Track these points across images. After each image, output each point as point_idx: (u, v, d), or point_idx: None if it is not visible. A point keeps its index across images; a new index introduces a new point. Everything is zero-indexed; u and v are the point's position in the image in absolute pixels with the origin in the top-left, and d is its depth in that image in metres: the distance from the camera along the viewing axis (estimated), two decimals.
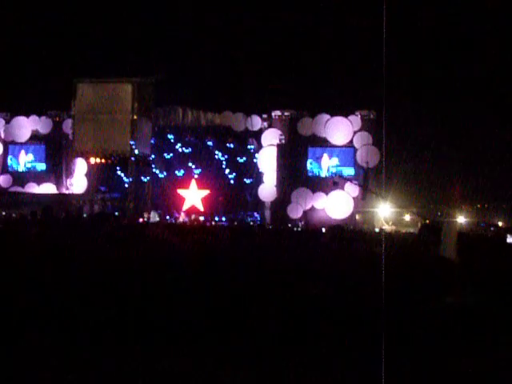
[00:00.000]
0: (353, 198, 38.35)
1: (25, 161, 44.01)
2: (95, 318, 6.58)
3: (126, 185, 41.43)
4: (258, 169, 41.02)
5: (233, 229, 16.52)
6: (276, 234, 14.50)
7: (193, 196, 42.57)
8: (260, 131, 40.86)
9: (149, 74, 39.78)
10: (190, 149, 42.49)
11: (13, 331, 6.44)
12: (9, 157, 44.17)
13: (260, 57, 37.79)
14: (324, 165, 40.00)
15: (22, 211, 25.94)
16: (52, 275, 7.35)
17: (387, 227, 31.74)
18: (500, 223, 30.46)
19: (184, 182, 42.74)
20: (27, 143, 43.71)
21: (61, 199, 38.01)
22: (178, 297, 6.96)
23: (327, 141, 39.56)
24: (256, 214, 40.79)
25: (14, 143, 43.82)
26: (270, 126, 40.77)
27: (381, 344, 5.75)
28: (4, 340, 6.39)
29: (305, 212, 38.58)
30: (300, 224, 36.88)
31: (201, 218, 39.12)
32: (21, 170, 43.95)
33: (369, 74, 31.03)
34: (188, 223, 29.79)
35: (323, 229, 19.13)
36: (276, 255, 9.56)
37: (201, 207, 42.14)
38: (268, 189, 40.27)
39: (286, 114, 40.47)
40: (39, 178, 42.78)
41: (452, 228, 9.89)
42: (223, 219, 39.82)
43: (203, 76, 38.07)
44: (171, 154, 42.64)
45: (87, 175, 42.07)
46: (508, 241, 11.52)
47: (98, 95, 39.66)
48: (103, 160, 40.82)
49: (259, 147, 40.88)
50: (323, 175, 39.95)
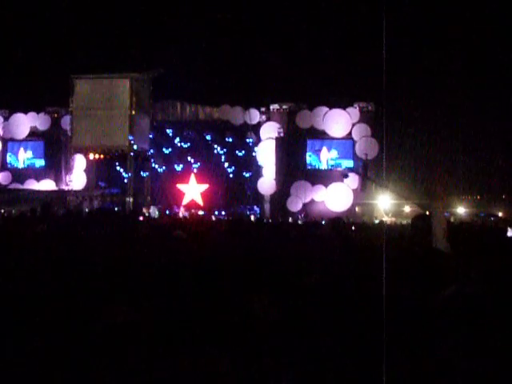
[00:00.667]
0: (352, 191, 38.37)
1: (24, 158, 44.01)
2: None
3: (126, 180, 41.44)
4: (257, 162, 41.03)
5: (232, 222, 16.44)
6: (275, 227, 14.41)
7: (192, 190, 42.62)
8: (258, 124, 40.84)
9: (146, 69, 39.79)
10: (189, 143, 42.54)
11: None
12: (8, 154, 44.19)
13: (257, 50, 37.69)
14: (323, 157, 40.00)
15: (22, 208, 25.86)
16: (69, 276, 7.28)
17: (387, 219, 31.74)
18: (500, 213, 30.46)
19: (183, 177, 42.79)
20: (26, 140, 43.73)
21: (60, 195, 38.00)
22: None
23: (326, 133, 39.55)
24: (256, 208, 40.82)
25: (13, 140, 43.82)
26: (269, 120, 40.76)
27: (381, 339, 5.68)
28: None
29: (304, 205, 38.57)
30: (300, 217, 36.87)
31: (200, 213, 39.11)
32: (20, 167, 43.95)
33: (366, 66, 30.93)
34: (188, 218, 29.70)
35: (323, 221, 19.07)
36: (275, 247, 9.49)
37: (200, 202, 42.18)
38: (267, 182, 40.28)
39: (285, 107, 40.46)
40: (38, 175, 42.78)
41: (441, 218, 9.79)
42: (223, 213, 39.86)
43: (201, 70, 37.95)
44: (170, 149, 42.69)
45: (86, 171, 42.08)
46: (509, 234, 11.41)
47: (96, 91, 39.63)
48: (102, 156, 40.83)
49: (258, 141, 40.88)
50: (322, 168, 39.97)
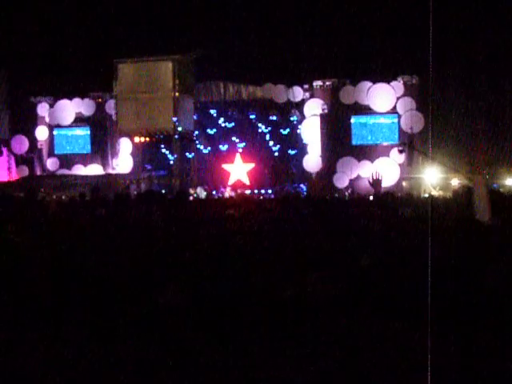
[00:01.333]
0: (399, 165, 38.08)
1: (70, 143, 44.50)
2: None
3: (171, 162, 41.70)
4: (302, 140, 40.92)
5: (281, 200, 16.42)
6: (320, 204, 14.31)
7: (238, 170, 42.66)
8: (302, 102, 40.71)
9: (188, 51, 39.85)
10: (233, 123, 42.53)
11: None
12: (55, 140, 44.71)
13: (298, 27, 37.44)
14: (368, 133, 39.79)
15: (71, 193, 26.18)
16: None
17: (435, 193, 31.41)
18: None
19: (228, 157, 42.84)
20: (72, 126, 44.19)
21: (108, 179, 38.37)
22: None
23: (370, 108, 39.27)
24: (302, 186, 40.74)
25: (59, 126, 44.31)
26: (312, 96, 40.57)
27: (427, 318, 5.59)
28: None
29: (351, 181, 38.38)
30: (347, 193, 36.72)
31: (247, 192, 39.16)
32: (67, 153, 44.43)
33: (410, 39, 30.54)
34: (236, 198, 29.77)
35: (371, 197, 18.90)
36: (324, 225, 9.45)
37: (247, 181, 42.23)
38: (313, 159, 40.16)
39: (328, 84, 40.21)
40: (85, 160, 43.28)
41: (482, 191, 9.63)
42: (269, 192, 39.90)
43: (243, 49, 37.92)
44: (214, 130, 42.72)
45: (132, 154, 42.43)
46: None
47: (139, 74, 39.89)
48: (147, 138, 41.19)
49: (302, 118, 40.75)
50: (368, 143, 39.71)
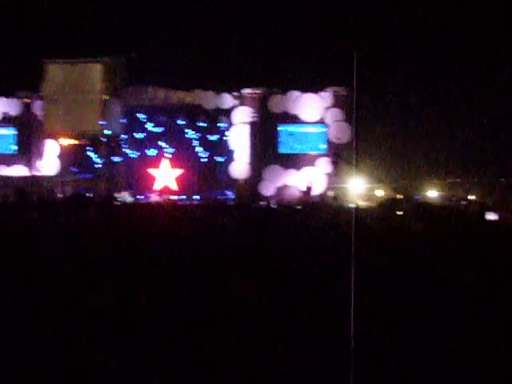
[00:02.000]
0: (325, 175, 38.54)
1: None
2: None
3: (98, 165, 41.28)
4: (230, 147, 41.04)
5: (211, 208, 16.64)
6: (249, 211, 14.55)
7: (165, 175, 42.49)
8: (231, 109, 40.84)
9: (119, 54, 39.60)
10: (162, 128, 42.35)
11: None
12: None
13: (230, 35, 37.69)
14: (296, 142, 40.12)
15: None
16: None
17: (360, 203, 31.95)
18: (472, 197, 30.81)
19: (156, 162, 42.63)
20: None
21: (32, 181, 37.80)
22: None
23: (299, 118, 39.64)
24: (229, 192, 40.88)
25: None
26: (241, 104, 40.75)
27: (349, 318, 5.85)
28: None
29: (277, 189, 38.69)
30: (272, 201, 36.98)
31: (174, 198, 39.09)
32: None
33: (339, 50, 31.09)
34: (162, 203, 29.79)
35: (298, 206, 19.23)
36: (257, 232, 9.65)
37: (174, 187, 42.12)
38: (240, 167, 40.33)
39: (257, 92, 40.46)
40: (10, 160, 42.45)
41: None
42: (197, 198, 39.90)
43: (173, 55, 37.89)
44: (142, 134, 42.47)
45: (58, 157, 41.81)
46: (488, 217, 11.71)
47: (68, 76, 39.43)
48: (74, 141, 40.65)
49: (230, 125, 40.87)
50: (295, 152, 40.04)
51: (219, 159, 41.75)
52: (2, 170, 41.74)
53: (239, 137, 40.36)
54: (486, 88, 36.86)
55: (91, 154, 41.92)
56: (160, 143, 42.37)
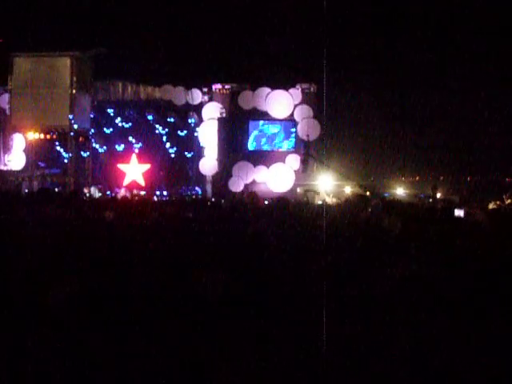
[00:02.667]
0: (294, 172, 38.62)
1: None
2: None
3: (66, 160, 40.99)
4: (199, 143, 41.00)
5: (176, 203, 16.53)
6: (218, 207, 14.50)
7: (133, 171, 42.36)
8: (201, 105, 40.76)
9: (88, 48, 39.33)
10: (130, 123, 42.18)
11: None
12: None
13: (200, 29, 37.53)
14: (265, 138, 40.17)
15: None
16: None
17: (328, 200, 32.02)
18: (438, 195, 30.99)
19: (124, 157, 42.48)
20: None
21: None
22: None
23: (268, 114, 39.66)
24: (197, 188, 40.84)
25: None
26: (211, 100, 40.70)
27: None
28: None
29: (246, 186, 38.69)
30: (242, 197, 36.91)
31: (142, 193, 38.92)
32: None
33: (309, 47, 31.10)
34: (130, 198, 29.57)
35: (265, 202, 19.15)
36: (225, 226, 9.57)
37: (142, 182, 41.99)
38: (209, 163, 40.28)
39: (227, 88, 40.41)
40: None
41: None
42: (164, 193, 39.76)
43: (143, 50, 37.67)
44: (111, 129, 42.27)
45: (25, 151, 41.42)
46: (456, 214, 11.76)
47: (36, 69, 39.06)
48: (42, 135, 40.27)
49: (200, 121, 40.80)
50: (264, 149, 40.07)
51: (188, 155, 41.70)
52: None
53: (209, 133, 40.30)
54: (455, 85, 37.13)
55: (59, 149, 41.63)
56: (129, 138, 42.23)
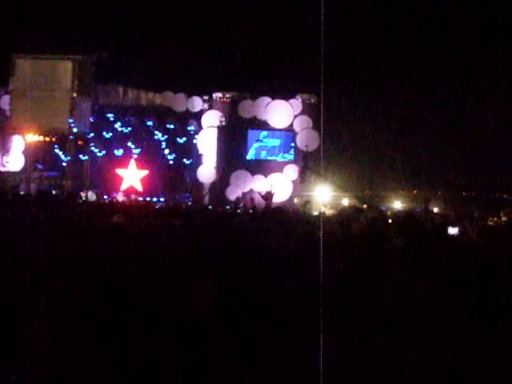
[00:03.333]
0: (291, 182, 38.63)
1: None
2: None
3: (64, 163, 40.98)
4: (198, 150, 41.00)
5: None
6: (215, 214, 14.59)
7: (131, 176, 42.30)
8: (201, 112, 40.80)
9: (90, 52, 39.37)
10: (130, 128, 42.18)
11: None
12: None
13: (202, 38, 37.68)
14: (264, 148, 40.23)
15: None
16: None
17: (325, 211, 32.05)
18: (435, 209, 31.02)
19: (123, 162, 42.43)
20: None
21: None
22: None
23: (268, 124, 39.70)
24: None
25: None
26: (211, 108, 40.74)
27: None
28: None
29: (244, 194, 38.66)
30: (239, 206, 36.91)
31: (139, 199, 38.88)
32: None
33: (310, 58, 31.18)
34: (128, 203, 29.61)
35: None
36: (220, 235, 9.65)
37: (139, 187, 41.93)
38: (207, 170, 40.29)
39: (227, 96, 40.47)
40: None
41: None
42: (161, 200, 39.72)
43: (145, 55, 37.79)
44: (110, 133, 42.24)
45: (24, 153, 41.42)
46: (449, 232, 11.77)
47: (37, 72, 39.10)
48: (41, 137, 40.28)
49: (199, 128, 40.83)
50: (263, 158, 40.11)
51: (187, 162, 41.68)
52: None
53: (208, 140, 40.31)
54: (456, 99, 37.24)
55: (58, 152, 41.63)
56: (128, 143, 42.22)
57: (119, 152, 42.37)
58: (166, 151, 41.79)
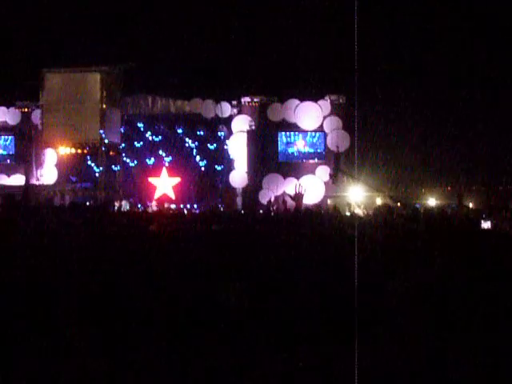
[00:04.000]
0: (324, 183, 38.52)
1: None
2: None
3: (97, 174, 41.29)
4: (229, 155, 41.05)
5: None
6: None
7: (164, 184, 42.48)
8: (230, 118, 40.86)
9: (117, 63, 39.59)
10: (160, 137, 42.39)
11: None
12: None
13: (228, 43, 37.63)
14: (295, 150, 40.23)
15: None
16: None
17: (359, 211, 31.85)
18: (470, 204, 30.69)
19: (155, 171, 42.63)
20: None
21: (31, 190, 37.70)
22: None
23: (297, 126, 39.67)
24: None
25: None
26: (240, 113, 40.79)
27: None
28: None
29: (276, 198, 38.60)
30: (272, 209, 36.83)
31: (172, 206, 39.02)
32: None
33: (338, 58, 31.03)
34: (161, 211, 29.68)
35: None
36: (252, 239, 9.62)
37: (172, 195, 42.08)
38: (239, 175, 40.31)
39: (256, 100, 40.51)
40: (9, 170, 42.50)
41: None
42: (195, 207, 39.82)
43: (172, 63, 37.87)
44: (141, 143, 42.51)
45: (57, 166, 41.83)
46: (483, 226, 11.62)
47: (67, 85, 39.40)
48: (73, 150, 40.59)
49: (229, 134, 40.89)
50: (294, 160, 40.10)
51: (218, 168, 41.75)
52: (2, 180, 41.75)
53: (238, 145, 40.38)
54: (488, 96, 36.81)
55: (90, 163, 41.97)
56: (159, 152, 42.40)
57: (151, 161, 42.59)
58: (197, 158, 41.93)
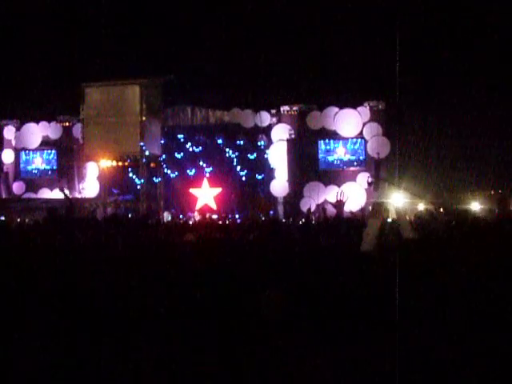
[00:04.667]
0: (365, 190, 38.28)
1: (36, 167, 44.25)
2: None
3: (138, 186, 41.57)
4: (269, 165, 41.03)
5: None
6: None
7: (205, 195, 42.61)
8: (269, 127, 40.87)
9: (156, 75, 39.85)
10: (201, 148, 42.54)
11: None
12: (21, 164, 44.44)
13: (266, 52, 37.64)
14: (335, 157, 40.10)
15: (35, 217, 25.93)
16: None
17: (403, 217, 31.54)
18: None
19: (196, 181, 42.79)
20: (38, 149, 43.97)
21: (74, 203, 38.04)
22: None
23: (337, 133, 39.54)
24: (270, 211, 40.75)
25: (25, 150, 44.09)
26: (279, 122, 40.77)
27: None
28: None
29: (318, 206, 38.47)
30: (314, 217, 36.69)
31: (214, 217, 39.07)
32: (33, 177, 44.17)
33: (377, 64, 30.86)
34: (203, 222, 29.71)
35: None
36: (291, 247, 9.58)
37: (214, 205, 42.17)
38: (280, 184, 40.28)
39: (295, 109, 40.48)
40: (51, 184, 42.98)
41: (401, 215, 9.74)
42: (236, 216, 39.83)
43: (210, 74, 38.00)
44: (182, 154, 42.70)
45: (99, 178, 42.22)
46: None
47: (106, 98, 39.81)
48: (114, 162, 40.94)
49: (269, 143, 40.89)
50: (335, 168, 39.95)
51: (259, 177, 41.75)
52: (44, 194, 42.24)
53: (278, 154, 40.35)
54: None
55: (131, 175, 42.29)
56: (200, 163, 42.56)
57: (191, 172, 42.75)
58: (238, 168, 41.98)
